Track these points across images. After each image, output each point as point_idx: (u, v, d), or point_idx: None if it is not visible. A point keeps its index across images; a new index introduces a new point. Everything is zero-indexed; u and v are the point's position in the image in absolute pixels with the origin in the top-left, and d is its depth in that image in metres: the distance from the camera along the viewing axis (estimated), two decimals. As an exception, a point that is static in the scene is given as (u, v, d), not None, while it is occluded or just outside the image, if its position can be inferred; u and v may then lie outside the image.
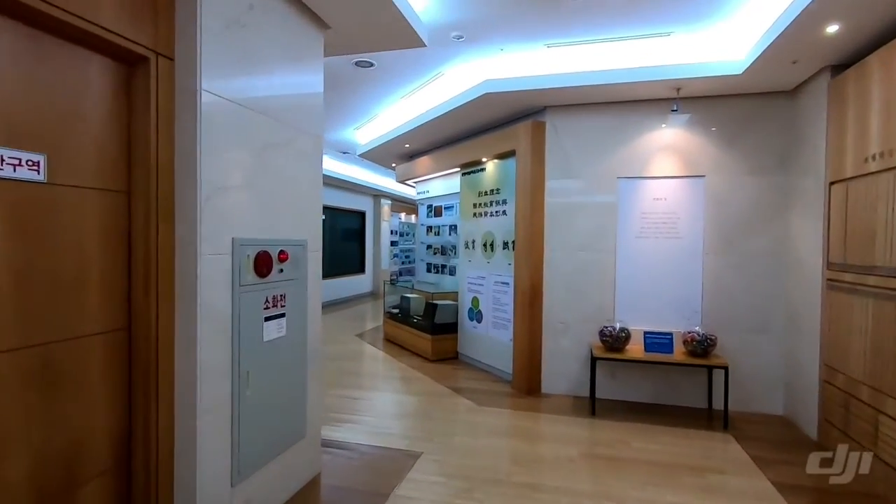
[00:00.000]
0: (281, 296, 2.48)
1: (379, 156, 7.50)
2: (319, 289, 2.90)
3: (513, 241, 4.88)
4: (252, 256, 2.27)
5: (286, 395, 2.58)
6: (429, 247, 7.25)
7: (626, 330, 4.18)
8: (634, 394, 4.41)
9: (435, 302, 5.97)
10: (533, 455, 3.28)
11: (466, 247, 5.81)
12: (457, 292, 6.02)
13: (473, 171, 5.70)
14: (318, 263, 2.89)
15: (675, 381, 4.30)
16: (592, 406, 4.12)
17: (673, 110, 4.06)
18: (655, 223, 4.38)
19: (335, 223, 11.72)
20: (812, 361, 3.60)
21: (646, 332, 4.16)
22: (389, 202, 14.09)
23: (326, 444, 3.32)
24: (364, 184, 11.31)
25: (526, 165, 4.61)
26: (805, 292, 3.74)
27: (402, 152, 7.08)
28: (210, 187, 2.01)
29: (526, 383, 4.60)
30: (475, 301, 5.61)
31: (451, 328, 5.93)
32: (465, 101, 4.56)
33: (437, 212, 7.01)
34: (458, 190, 6.08)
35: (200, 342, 1.98)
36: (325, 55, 3.07)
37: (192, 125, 1.96)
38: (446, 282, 6.74)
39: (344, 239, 12.22)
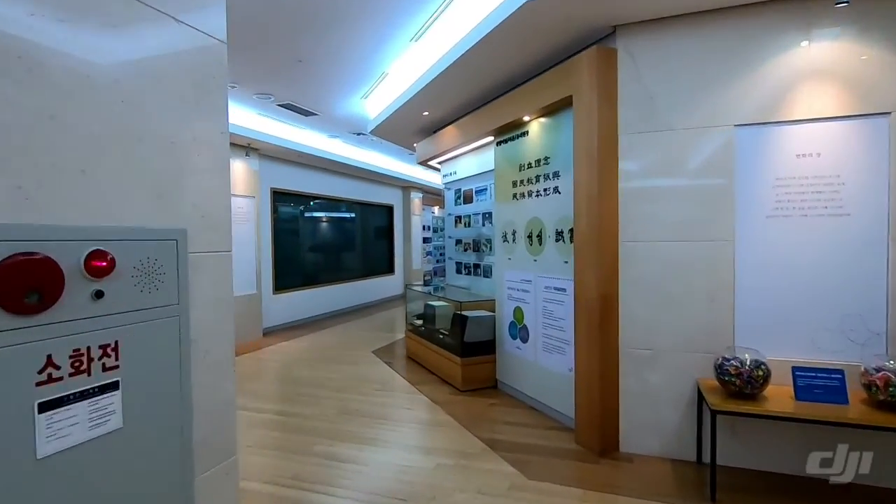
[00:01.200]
0: (104, 349, 1.16)
1: (395, 132, 6.17)
2: (230, 323, 1.58)
3: (570, 230, 3.41)
4: (-17, 268, 0.96)
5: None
6: (458, 242, 5.85)
7: (765, 365, 2.62)
8: (770, 460, 2.85)
9: (465, 313, 4.57)
10: None
11: (504, 239, 4.37)
12: (494, 300, 4.60)
13: (512, 138, 4.25)
14: (223, 276, 1.58)
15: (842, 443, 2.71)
16: (712, 485, 2.60)
17: (841, 3, 2.47)
18: (801, 193, 2.79)
19: (361, 218, 10.53)
20: None
21: (795, 369, 2.60)
22: (420, 194, 12.80)
23: (272, 574, 2.00)
24: (389, 173, 10.05)
25: (589, 117, 3.13)
26: None
27: (421, 124, 5.71)
28: None
29: (597, 437, 3.13)
30: (518, 313, 4.17)
31: (487, 348, 4.52)
32: (496, 24, 3.11)
33: (467, 197, 5.60)
34: (492, 166, 4.65)
35: None
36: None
37: None
38: (481, 285, 5.32)
39: (369, 236, 11.02)
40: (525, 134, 4.05)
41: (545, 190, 3.78)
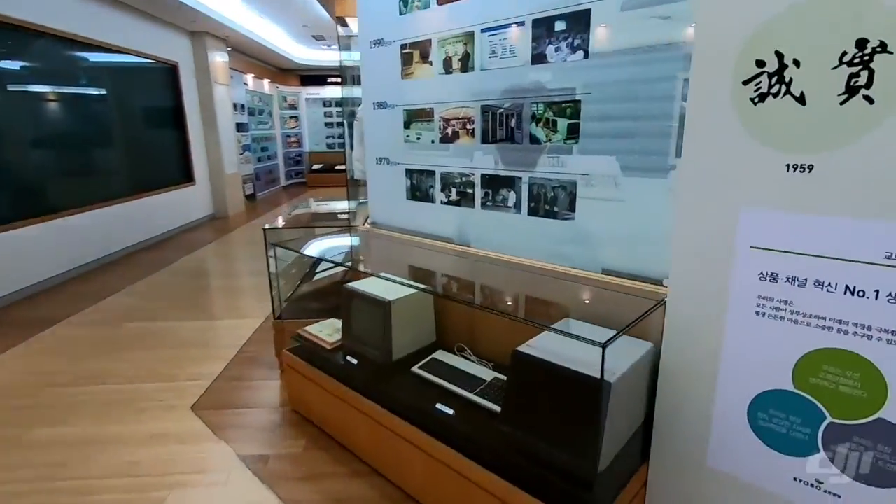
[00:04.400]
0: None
1: None
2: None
3: None
4: None
5: None
6: (415, 118, 2.23)
7: None
8: None
9: (608, 377, 1.26)
10: None
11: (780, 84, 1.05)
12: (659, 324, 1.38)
13: None
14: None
15: None
16: None
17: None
18: None
19: (119, 88, 5.39)
20: None
21: None
22: (226, 53, 7.76)
23: None
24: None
25: None
26: None
27: None
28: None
29: None
30: (861, 372, 1.07)
31: (630, 452, 1.40)
32: None
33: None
34: None
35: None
36: None
37: None
38: (515, 238, 1.97)
39: (136, 121, 6.00)
40: None
41: None
